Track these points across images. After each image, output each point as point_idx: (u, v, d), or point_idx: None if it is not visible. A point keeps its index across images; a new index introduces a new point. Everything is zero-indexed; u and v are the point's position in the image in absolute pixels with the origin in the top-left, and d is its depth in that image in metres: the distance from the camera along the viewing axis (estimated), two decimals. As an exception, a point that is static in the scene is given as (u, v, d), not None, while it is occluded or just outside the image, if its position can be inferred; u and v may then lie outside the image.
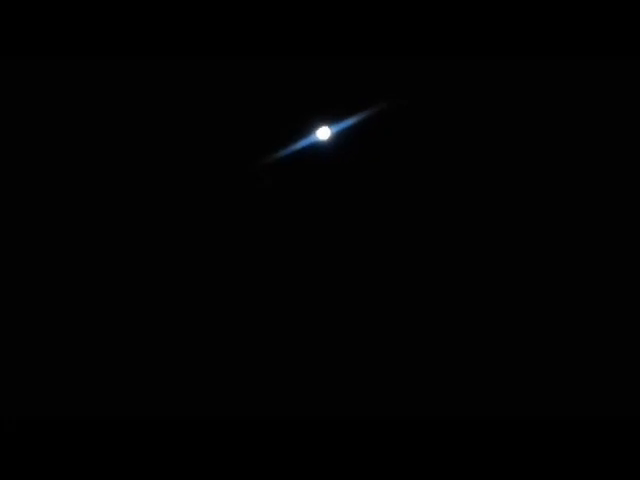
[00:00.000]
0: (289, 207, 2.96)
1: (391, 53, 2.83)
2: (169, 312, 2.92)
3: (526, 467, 2.66)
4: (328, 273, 2.94)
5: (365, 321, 2.90)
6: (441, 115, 2.90)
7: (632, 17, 2.72)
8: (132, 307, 2.91)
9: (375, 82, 2.86)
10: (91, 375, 2.84)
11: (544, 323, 2.80)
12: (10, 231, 2.89)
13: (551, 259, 2.84)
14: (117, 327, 2.89)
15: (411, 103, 2.87)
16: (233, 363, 2.88)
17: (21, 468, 2.73)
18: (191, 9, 2.78)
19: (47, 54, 2.82)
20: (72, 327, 2.87)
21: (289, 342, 2.90)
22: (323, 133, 2.88)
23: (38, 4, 2.75)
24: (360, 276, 2.94)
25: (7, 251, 2.90)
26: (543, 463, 2.66)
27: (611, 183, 2.82)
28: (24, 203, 2.91)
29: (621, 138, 2.82)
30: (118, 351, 2.87)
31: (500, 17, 2.77)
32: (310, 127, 2.88)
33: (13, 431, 2.76)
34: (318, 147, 2.90)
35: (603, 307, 2.77)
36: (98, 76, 2.87)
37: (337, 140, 2.89)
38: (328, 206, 2.96)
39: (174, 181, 2.95)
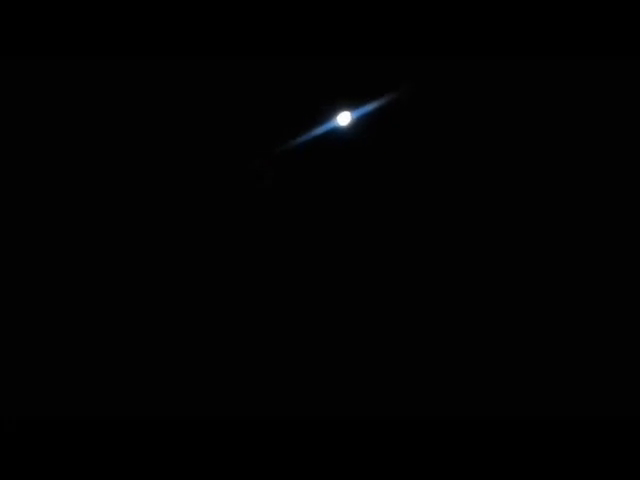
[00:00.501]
0: (310, 191, 2.97)
1: (411, 43, 2.87)
2: (170, 310, 2.89)
3: (526, 467, 2.62)
4: (343, 259, 2.94)
5: (379, 316, 2.89)
6: (460, 103, 2.93)
7: (632, 17, 2.77)
8: (132, 306, 2.88)
9: (396, 70, 2.90)
10: (91, 375, 2.81)
11: (544, 322, 2.78)
12: (10, 231, 2.87)
13: (551, 257, 2.84)
14: (117, 327, 2.86)
15: (430, 91, 2.90)
16: (233, 363, 2.85)
17: (21, 468, 2.67)
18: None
19: (47, 54, 2.83)
20: (72, 327, 2.84)
21: (298, 340, 2.87)
22: (344, 118, 2.91)
23: (38, 4, 2.75)
24: (375, 259, 2.94)
25: (7, 251, 2.87)
26: (543, 463, 2.62)
27: (610, 182, 2.85)
28: (24, 203, 2.90)
29: (621, 138, 2.85)
30: (118, 351, 2.84)
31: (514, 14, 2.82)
32: (331, 113, 2.90)
33: (13, 431, 2.71)
34: (338, 132, 2.93)
35: (603, 306, 2.76)
36: (98, 76, 2.88)
37: (357, 125, 2.92)
38: (348, 190, 2.97)
39: (194, 169, 2.97)
